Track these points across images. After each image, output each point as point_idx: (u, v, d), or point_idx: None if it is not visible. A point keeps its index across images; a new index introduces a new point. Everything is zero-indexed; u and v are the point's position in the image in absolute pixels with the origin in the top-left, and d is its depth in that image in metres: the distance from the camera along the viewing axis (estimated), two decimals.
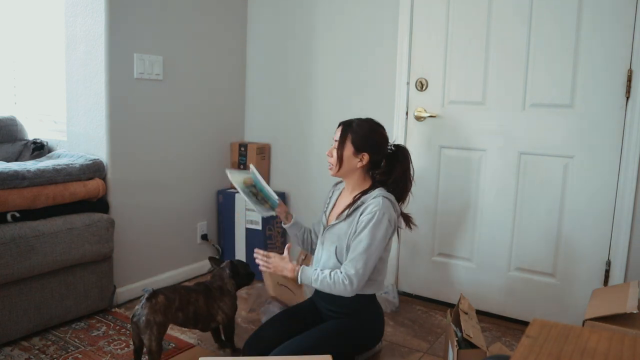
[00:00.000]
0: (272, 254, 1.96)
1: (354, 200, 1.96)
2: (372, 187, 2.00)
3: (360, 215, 1.91)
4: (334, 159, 1.98)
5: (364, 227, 1.87)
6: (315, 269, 1.91)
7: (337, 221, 1.99)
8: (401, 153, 2.03)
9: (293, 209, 3.10)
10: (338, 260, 1.97)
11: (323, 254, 2.03)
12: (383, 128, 2.03)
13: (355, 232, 1.90)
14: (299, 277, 1.90)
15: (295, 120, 3.02)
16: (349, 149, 1.96)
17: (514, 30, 2.37)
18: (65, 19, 2.54)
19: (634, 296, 1.76)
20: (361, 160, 1.96)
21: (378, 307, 2.07)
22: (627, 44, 2.14)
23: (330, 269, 1.90)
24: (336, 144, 1.99)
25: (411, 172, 2.04)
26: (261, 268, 1.97)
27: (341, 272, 1.86)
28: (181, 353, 2.14)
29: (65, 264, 2.25)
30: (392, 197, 1.96)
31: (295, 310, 2.10)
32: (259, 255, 1.97)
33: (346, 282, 1.83)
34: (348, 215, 1.95)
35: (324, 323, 1.99)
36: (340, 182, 2.14)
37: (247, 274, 2.19)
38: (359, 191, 2.00)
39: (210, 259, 2.24)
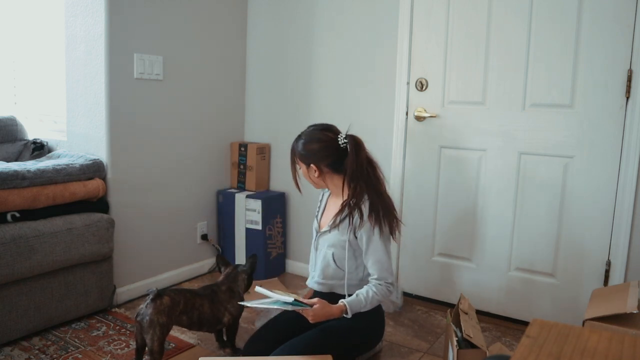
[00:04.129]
0: (313, 308, 1.81)
1: (341, 209, 1.96)
2: (353, 193, 1.96)
3: (355, 228, 1.93)
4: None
5: (370, 239, 1.92)
6: (357, 295, 1.88)
7: (328, 229, 2.01)
8: (351, 142, 1.95)
9: (293, 209, 3.10)
10: (337, 267, 1.99)
11: (318, 259, 2.06)
12: (325, 130, 1.99)
13: (361, 244, 1.94)
14: (349, 312, 1.86)
15: (295, 120, 3.02)
16: (302, 166, 2.04)
17: (514, 30, 2.37)
18: (65, 19, 2.54)
19: (634, 296, 1.76)
20: (316, 171, 2.00)
21: (379, 308, 2.07)
22: (627, 44, 2.14)
23: (354, 285, 1.97)
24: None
25: (363, 158, 1.95)
26: (311, 320, 1.83)
27: (380, 284, 1.91)
28: (181, 353, 2.14)
29: (65, 264, 2.25)
30: (373, 197, 1.94)
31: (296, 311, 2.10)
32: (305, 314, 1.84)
33: (391, 289, 1.94)
34: (339, 223, 1.96)
35: (325, 323, 1.99)
36: None
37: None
38: (342, 198, 2.01)
39: (219, 257, 2.25)
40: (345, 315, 1.87)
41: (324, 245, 2.02)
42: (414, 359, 2.16)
